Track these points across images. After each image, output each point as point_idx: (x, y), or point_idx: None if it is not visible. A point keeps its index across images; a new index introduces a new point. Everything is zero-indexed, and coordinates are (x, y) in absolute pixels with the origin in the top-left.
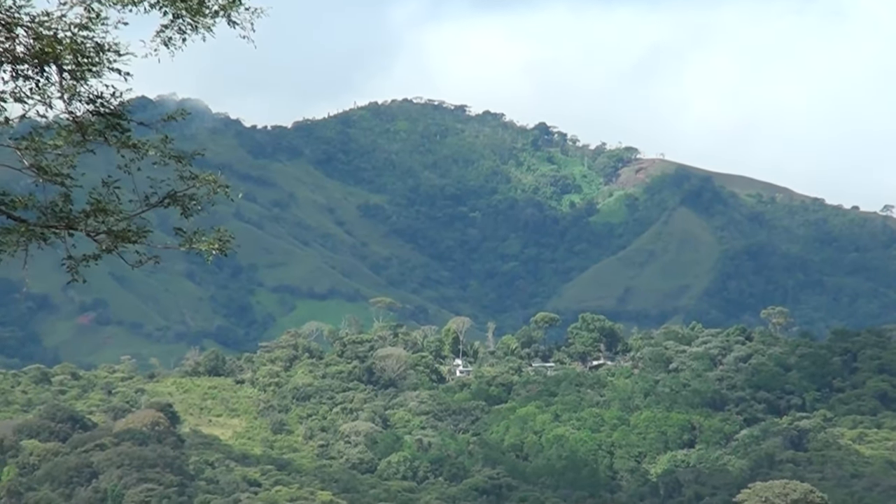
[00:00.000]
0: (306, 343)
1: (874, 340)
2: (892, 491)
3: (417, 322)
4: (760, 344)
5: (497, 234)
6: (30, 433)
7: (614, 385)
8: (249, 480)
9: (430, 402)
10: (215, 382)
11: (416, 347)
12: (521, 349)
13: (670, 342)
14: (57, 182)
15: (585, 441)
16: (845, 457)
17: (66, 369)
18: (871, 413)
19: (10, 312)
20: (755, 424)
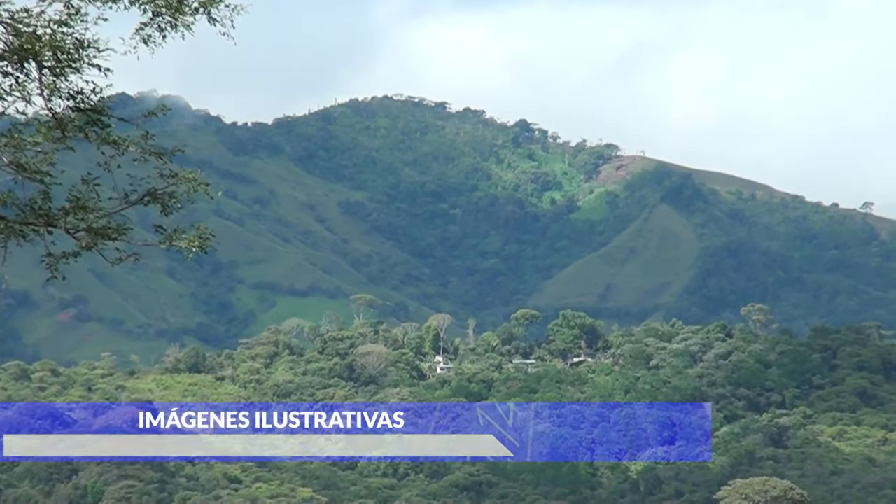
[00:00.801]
0: (287, 340)
1: (854, 338)
2: (872, 488)
3: (398, 319)
4: (740, 341)
5: (478, 231)
6: (9, 429)
7: (595, 382)
8: (230, 477)
9: (412, 400)
10: (196, 379)
11: (396, 344)
12: (502, 346)
13: (651, 339)
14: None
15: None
16: (825, 454)
17: (45, 366)
18: (851, 410)
19: None
20: (735, 421)
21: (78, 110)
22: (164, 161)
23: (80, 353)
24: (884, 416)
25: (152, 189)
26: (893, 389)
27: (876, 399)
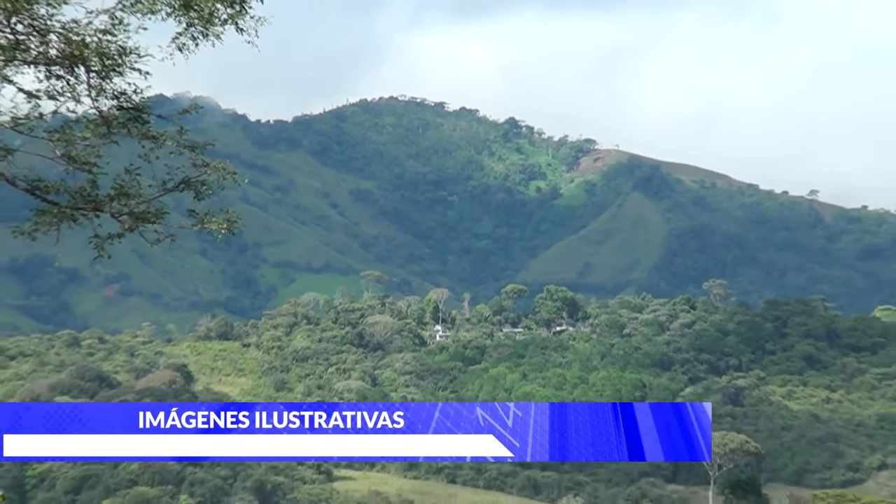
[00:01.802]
0: (304, 311)
1: (801, 309)
2: (817, 441)
3: (402, 293)
4: (703, 312)
5: (472, 216)
6: (62, 390)
7: (575, 348)
8: None
9: (414, 363)
10: (225, 346)
11: (401, 315)
12: (493, 317)
13: (624, 310)
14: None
15: (549, 398)
16: (776, 411)
17: (93, 334)
18: (799, 373)
19: (44, 284)
20: (698, 383)
21: (121, 109)
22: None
23: (123, 323)
24: (827, 378)
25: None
26: (836, 355)
27: (821, 363)
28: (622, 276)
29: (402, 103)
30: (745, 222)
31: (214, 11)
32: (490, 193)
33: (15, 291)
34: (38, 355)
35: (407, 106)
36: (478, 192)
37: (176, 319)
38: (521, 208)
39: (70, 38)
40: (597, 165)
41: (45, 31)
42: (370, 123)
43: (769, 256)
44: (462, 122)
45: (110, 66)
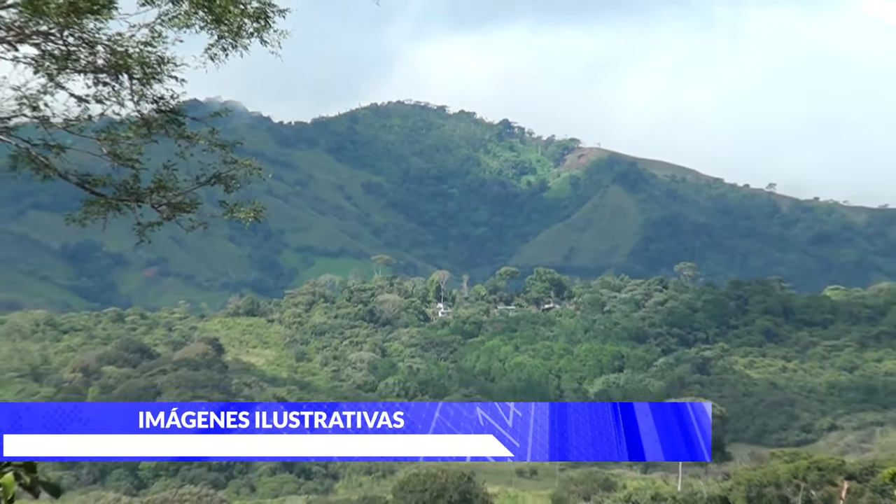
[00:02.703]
0: (322, 291)
1: (761, 289)
2: (774, 405)
3: (408, 274)
4: (674, 291)
5: (470, 206)
6: (108, 361)
7: (561, 323)
8: (278, 397)
9: (418, 337)
10: (251, 321)
11: (407, 294)
12: (489, 295)
13: (605, 290)
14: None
15: (539, 367)
16: (739, 379)
17: (136, 311)
18: (759, 345)
19: (92, 267)
20: (670, 354)
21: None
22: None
23: (161, 301)
24: (783, 349)
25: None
26: (791, 329)
27: (778, 336)
28: (603, 259)
29: (408, 107)
30: (711, 212)
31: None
32: (486, 186)
33: (67, 273)
34: (88, 330)
35: (412, 109)
36: (475, 186)
37: (208, 298)
38: (514, 200)
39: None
40: (580, 162)
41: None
42: (380, 124)
43: (732, 242)
44: (461, 124)
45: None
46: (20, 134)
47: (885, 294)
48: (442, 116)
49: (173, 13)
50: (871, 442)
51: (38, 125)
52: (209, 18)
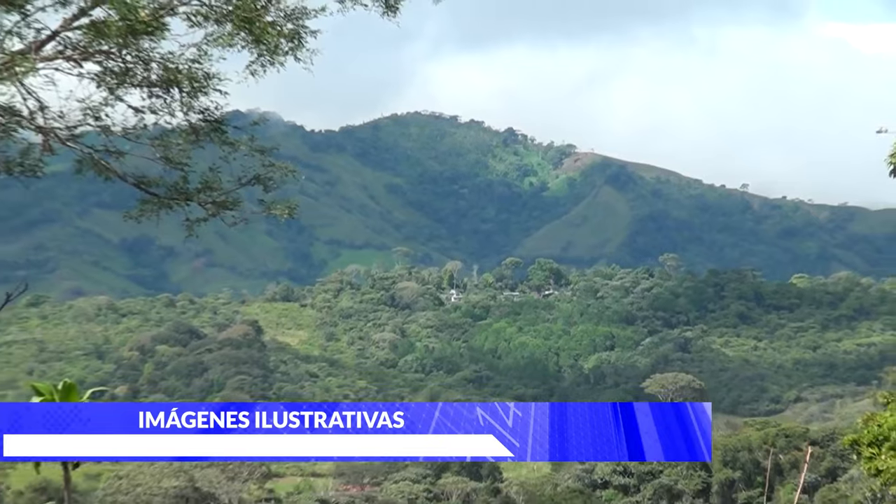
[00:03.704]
0: (348, 279)
1: (735, 277)
2: (747, 379)
3: (425, 264)
4: (659, 279)
5: (479, 204)
6: (161, 341)
7: (559, 307)
8: (310, 373)
9: (434, 319)
10: (287, 306)
11: (423, 282)
12: (496, 283)
13: (598, 278)
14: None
15: (540, 346)
16: (716, 357)
17: (185, 297)
18: (733, 327)
19: (147, 258)
20: (655, 334)
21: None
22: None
23: (208, 289)
24: (755, 330)
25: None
26: (762, 313)
27: (750, 319)
28: (596, 251)
29: (424, 117)
30: (691, 209)
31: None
32: (493, 187)
33: (125, 264)
34: (143, 313)
35: (428, 119)
36: (483, 186)
37: (249, 285)
38: (518, 198)
39: (167, 66)
40: (576, 165)
41: (147, 60)
42: (399, 132)
43: (710, 236)
44: (471, 132)
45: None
46: (85, 141)
47: (843, 282)
48: (454, 125)
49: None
50: (831, 412)
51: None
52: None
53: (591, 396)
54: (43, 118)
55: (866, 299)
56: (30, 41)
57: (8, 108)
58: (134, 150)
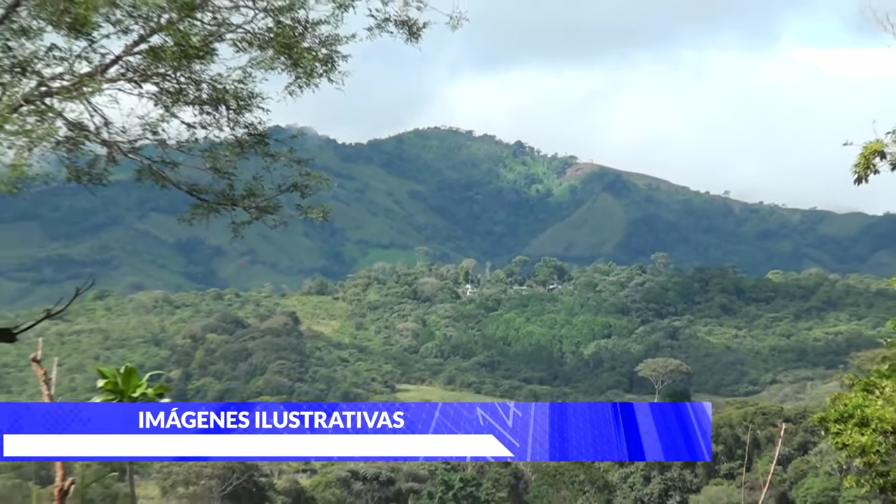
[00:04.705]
0: (375, 275)
1: (718, 273)
2: (728, 364)
3: (443, 262)
4: (651, 275)
5: (491, 209)
6: (211, 329)
7: (562, 300)
8: (341, 358)
9: (451, 311)
10: (321, 299)
11: (442, 277)
12: (506, 278)
13: (596, 274)
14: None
15: (545, 334)
16: (701, 344)
17: (231, 291)
18: (717, 317)
19: (198, 256)
20: (647, 324)
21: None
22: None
23: (251, 283)
24: (736, 320)
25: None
26: (742, 305)
27: (731, 310)
28: (595, 250)
29: (443, 131)
30: (679, 213)
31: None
32: (504, 193)
33: (179, 262)
34: (195, 305)
35: (446, 133)
36: (495, 193)
37: (287, 281)
38: (525, 203)
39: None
40: (577, 174)
41: (198, 81)
42: (421, 145)
43: (696, 237)
44: (484, 144)
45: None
46: (144, 153)
47: (814, 277)
48: (469, 139)
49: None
50: (803, 393)
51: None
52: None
53: (591, 379)
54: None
55: (834, 293)
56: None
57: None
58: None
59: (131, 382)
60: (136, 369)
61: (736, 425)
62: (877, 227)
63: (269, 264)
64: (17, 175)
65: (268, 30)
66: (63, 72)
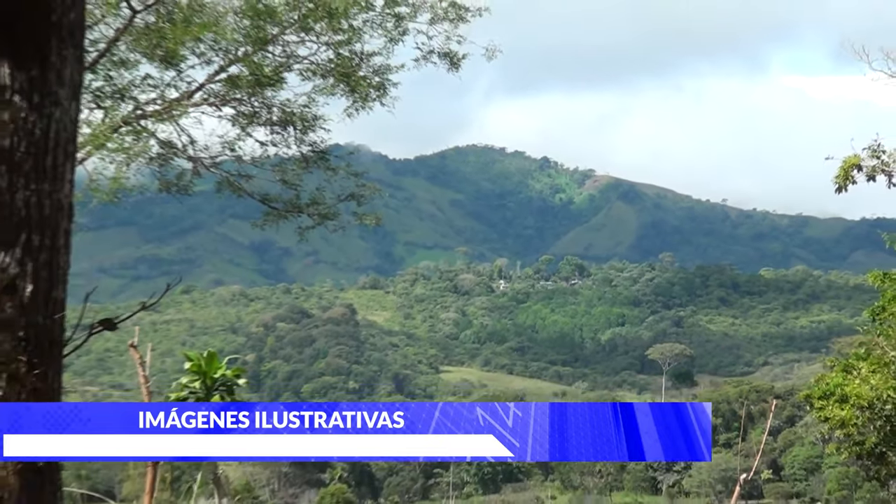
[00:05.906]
0: (421, 272)
1: (717, 270)
2: (726, 349)
3: (480, 261)
4: (659, 272)
5: (521, 215)
6: (280, 319)
7: (583, 293)
8: (392, 344)
9: (487, 303)
10: (374, 293)
11: (479, 274)
12: (534, 275)
13: (612, 271)
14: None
15: (567, 323)
16: (703, 332)
17: (298, 286)
18: (716, 308)
19: (270, 256)
20: (656, 314)
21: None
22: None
23: (315, 279)
24: (733, 311)
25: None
26: (738, 297)
27: (729, 303)
28: (611, 250)
29: (480, 148)
30: (683, 218)
31: (368, 94)
32: (532, 202)
33: (253, 261)
34: (266, 298)
35: (483, 150)
36: (525, 201)
37: (346, 277)
38: (550, 210)
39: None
40: (595, 185)
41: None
42: (461, 160)
43: (698, 239)
44: (515, 159)
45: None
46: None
47: (800, 274)
48: (502, 155)
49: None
50: (791, 373)
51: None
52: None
53: (607, 361)
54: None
55: (817, 287)
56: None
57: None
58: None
59: (213, 365)
60: (216, 354)
61: (733, 401)
62: (855, 230)
63: (329, 263)
64: (116, 186)
65: (329, 61)
66: (155, 97)
